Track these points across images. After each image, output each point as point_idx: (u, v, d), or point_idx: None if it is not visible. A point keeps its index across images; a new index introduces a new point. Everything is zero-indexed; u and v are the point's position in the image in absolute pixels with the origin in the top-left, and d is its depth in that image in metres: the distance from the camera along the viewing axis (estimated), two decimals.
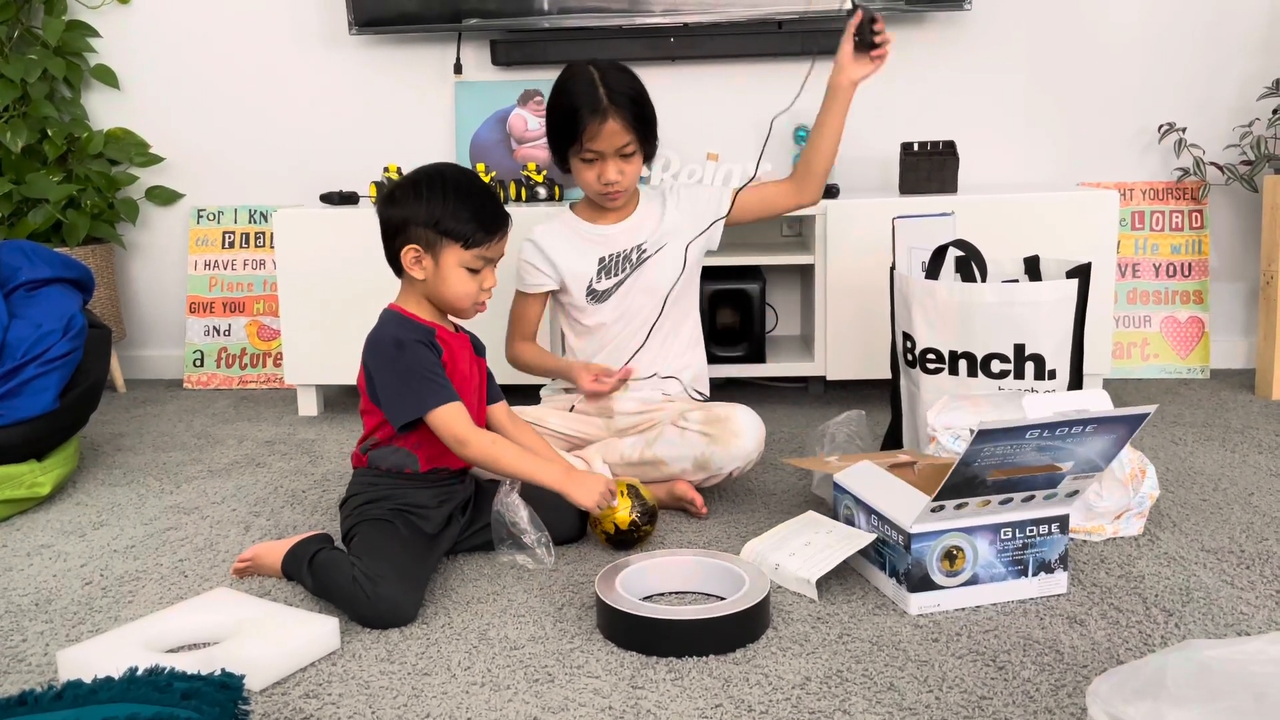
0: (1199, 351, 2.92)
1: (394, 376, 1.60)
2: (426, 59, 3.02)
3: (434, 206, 1.61)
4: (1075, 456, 1.43)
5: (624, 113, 1.86)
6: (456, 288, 1.64)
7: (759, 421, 1.91)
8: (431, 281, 1.64)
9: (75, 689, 1.09)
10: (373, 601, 1.46)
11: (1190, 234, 2.94)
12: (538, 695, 1.29)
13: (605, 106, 1.85)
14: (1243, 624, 1.43)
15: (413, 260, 1.63)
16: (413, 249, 1.62)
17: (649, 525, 1.72)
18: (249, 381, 3.11)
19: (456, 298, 1.65)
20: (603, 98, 1.85)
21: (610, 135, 1.87)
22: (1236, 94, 2.89)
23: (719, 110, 2.98)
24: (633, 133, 1.88)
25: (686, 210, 2.04)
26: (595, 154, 1.89)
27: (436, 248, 1.62)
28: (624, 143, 1.88)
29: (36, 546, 1.86)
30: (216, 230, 3.14)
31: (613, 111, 1.85)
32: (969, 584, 1.49)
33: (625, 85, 1.89)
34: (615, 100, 1.86)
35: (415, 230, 1.62)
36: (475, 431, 1.60)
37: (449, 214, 1.61)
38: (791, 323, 3.04)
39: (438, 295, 1.66)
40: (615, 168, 1.91)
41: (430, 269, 1.63)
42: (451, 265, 1.63)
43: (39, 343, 2.09)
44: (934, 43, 2.92)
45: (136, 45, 3.08)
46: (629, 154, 1.91)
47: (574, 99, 1.87)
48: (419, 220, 1.61)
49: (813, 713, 1.23)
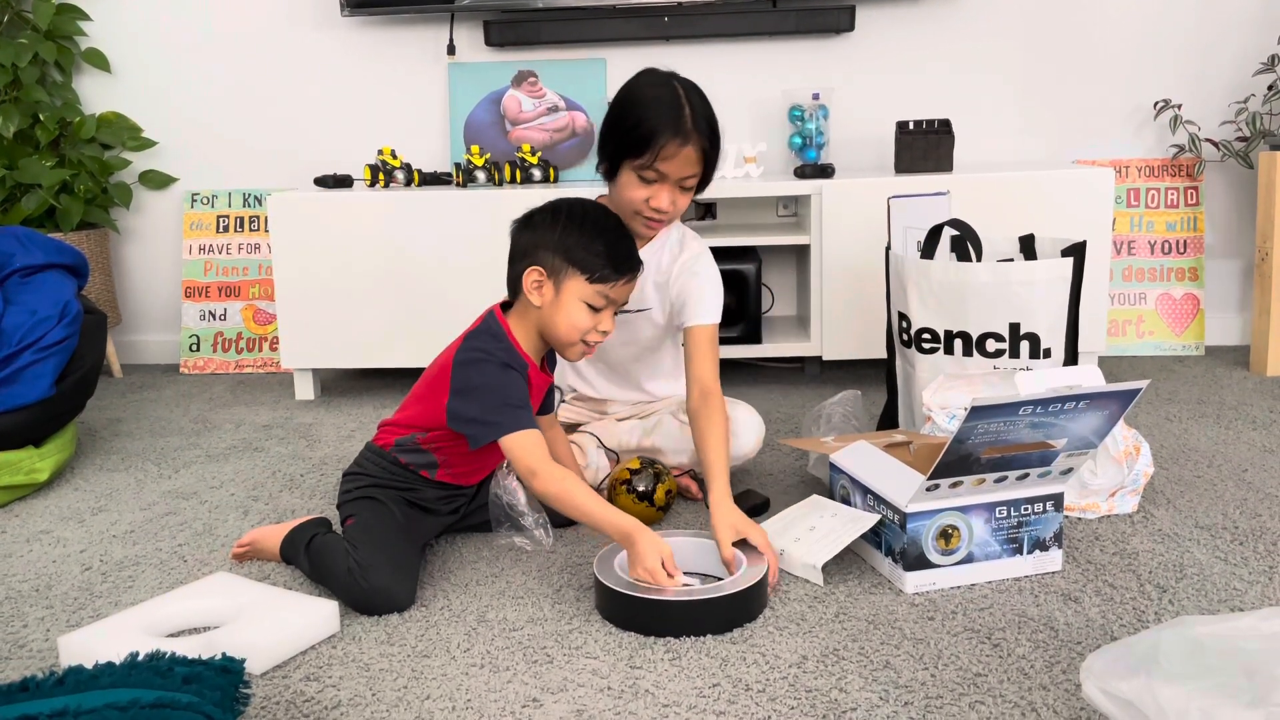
0: (1194, 328, 2.92)
1: (490, 394, 1.55)
2: (419, 40, 3.00)
3: (568, 234, 1.58)
4: (1068, 433, 1.43)
5: (703, 142, 1.72)
6: (572, 318, 1.58)
7: (759, 420, 1.92)
8: (548, 310, 1.59)
9: (76, 674, 1.10)
10: (366, 592, 1.47)
11: (1185, 211, 2.94)
12: (537, 676, 1.30)
13: (689, 130, 1.70)
14: (1236, 600, 1.44)
15: (533, 284, 1.58)
16: (536, 271, 1.58)
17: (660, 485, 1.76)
18: (245, 366, 3.11)
19: (568, 330, 1.59)
20: (687, 120, 1.70)
21: (684, 162, 1.71)
22: (1232, 70, 2.88)
23: (714, 90, 2.94)
24: (702, 165, 1.74)
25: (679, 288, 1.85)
26: (658, 175, 1.72)
27: (561, 275, 1.58)
28: (691, 173, 1.74)
29: (36, 532, 1.86)
30: (210, 214, 3.13)
31: (695, 138, 1.71)
32: (964, 562, 1.50)
33: (708, 112, 1.75)
34: (699, 126, 1.71)
35: (543, 254, 1.58)
36: (548, 465, 1.52)
37: (581, 244, 1.57)
38: (787, 303, 3.04)
39: (551, 325, 1.60)
40: (670, 196, 1.74)
41: (549, 296, 1.59)
42: (572, 296, 1.58)
43: (34, 329, 2.09)
44: (929, 21, 2.90)
45: (127, 28, 3.06)
46: (689, 186, 1.76)
47: (656, 112, 1.71)
48: (549, 245, 1.58)
49: (809, 691, 1.24)
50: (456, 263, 2.60)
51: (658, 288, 1.87)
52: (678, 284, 1.84)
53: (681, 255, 1.86)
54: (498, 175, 2.79)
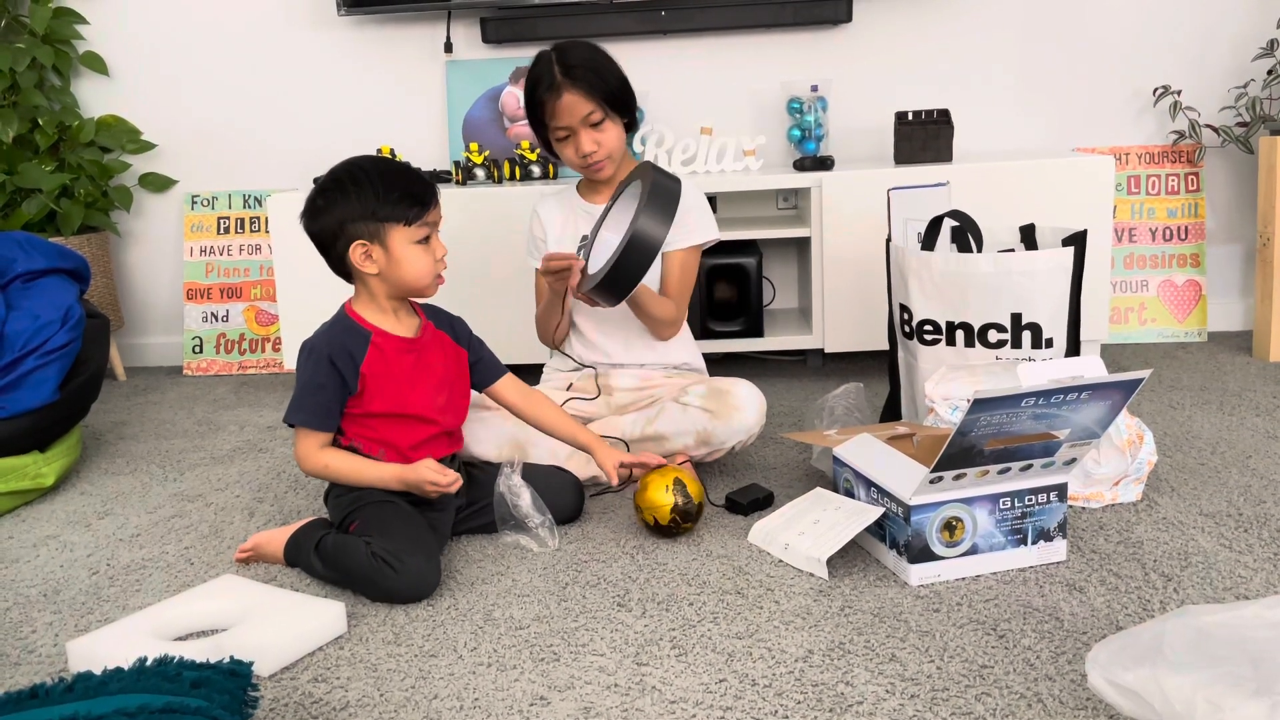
0: (1196, 315, 2.92)
1: (297, 379, 1.64)
2: (416, 38, 3.00)
3: (365, 197, 1.60)
4: (1071, 423, 1.43)
5: (579, 83, 1.85)
6: (415, 266, 1.63)
7: (760, 395, 1.92)
8: (387, 270, 1.62)
9: (85, 681, 1.10)
10: (399, 574, 1.48)
11: (1186, 197, 2.93)
12: (544, 674, 1.30)
13: (559, 81, 1.85)
14: (1241, 587, 1.44)
15: (363, 256, 1.61)
16: (360, 244, 1.61)
17: (689, 523, 1.68)
18: (248, 367, 3.12)
19: (418, 276, 1.63)
20: (557, 73, 1.85)
21: (570, 107, 1.86)
22: (1231, 55, 2.87)
23: (711, 83, 2.97)
24: (595, 100, 1.86)
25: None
26: (565, 129, 1.89)
27: (381, 235, 1.61)
28: (587, 111, 1.86)
29: (42, 537, 1.87)
30: (211, 216, 3.13)
31: (567, 84, 1.85)
32: (969, 554, 1.50)
33: (579, 57, 1.87)
34: (569, 73, 1.85)
35: (355, 226, 1.60)
36: (310, 457, 1.64)
37: (381, 197, 1.60)
38: (789, 296, 3.04)
39: (398, 281, 1.63)
40: (589, 138, 1.89)
41: (382, 259, 1.62)
42: (402, 246, 1.61)
43: (38, 334, 2.10)
44: (926, 11, 2.90)
45: (124, 31, 3.06)
46: (597, 122, 1.88)
47: (533, 81, 1.89)
48: (355, 216, 1.60)
49: (816, 685, 1.24)
50: (457, 260, 2.59)
51: None
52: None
53: None
54: (497, 172, 2.79)
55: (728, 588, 1.51)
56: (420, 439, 1.68)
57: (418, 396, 1.66)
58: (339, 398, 1.63)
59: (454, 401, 1.73)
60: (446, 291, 2.60)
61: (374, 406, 1.64)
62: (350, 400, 1.63)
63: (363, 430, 1.66)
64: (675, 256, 1.98)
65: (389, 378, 1.64)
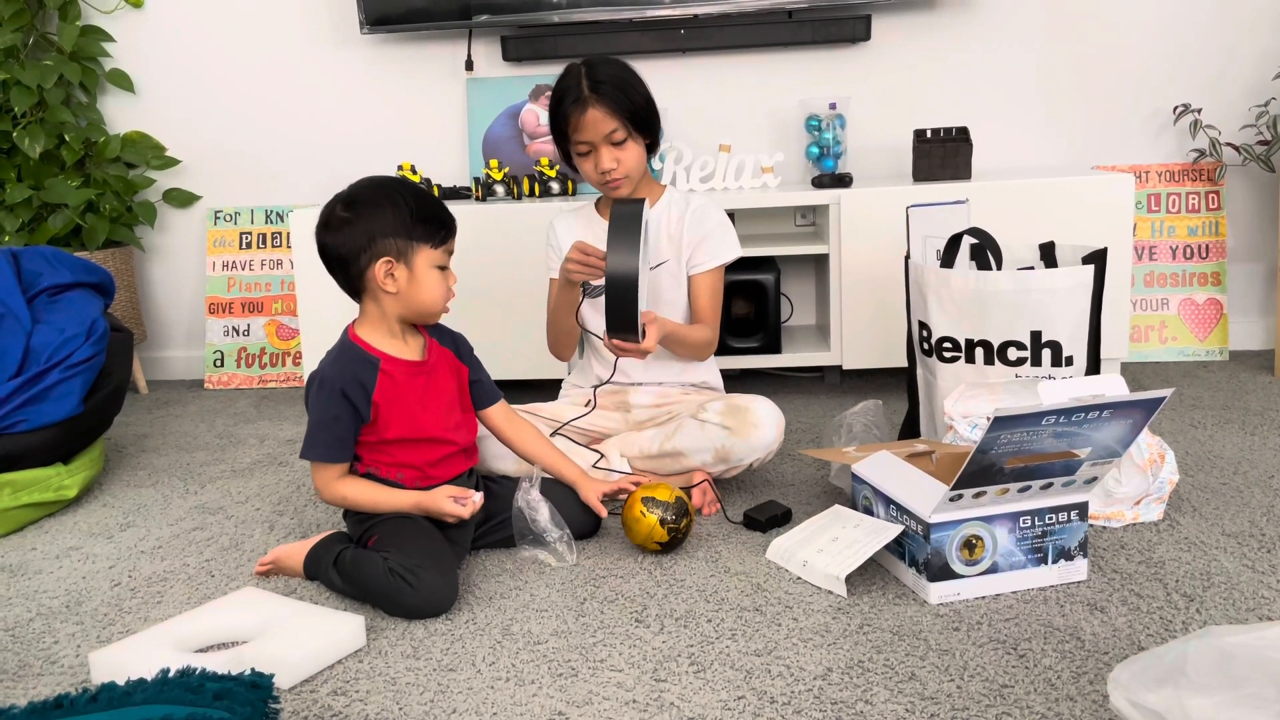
0: (1217, 333, 2.90)
1: (309, 413, 1.63)
2: (438, 56, 3.03)
3: (400, 213, 1.58)
4: (1092, 442, 1.43)
5: (605, 100, 1.84)
6: (433, 290, 1.63)
7: (778, 412, 1.92)
8: (405, 291, 1.61)
9: (110, 691, 1.11)
10: (415, 590, 1.48)
11: (1207, 215, 2.92)
12: (562, 690, 1.30)
13: (586, 96, 1.84)
14: (1264, 608, 1.43)
15: (385, 274, 1.59)
16: (386, 261, 1.59)
17: (685, 520, 1.68)
18: (269, 380, 3.14)
19: (433, 300, 1.63)
20: (584, 88, 1.84)
21: (594, 123, 1.85)
22: (1252, 73, 2.86)
23: (730, 101, 2.98)
24: (619, 118, 1.85)
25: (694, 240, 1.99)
26: (586, 144, 1.88)
27: (409, 254, 1.60)
28: (610, 129, 1.85)
29: (65, 549, 1.89)
30: (234, 231, 3.16)
31: (593, 100, 1.84)
32: (989, 572, 1.49)
33: (608, 74, 1.87)
34: (597, 89, 1.84)
35: (386, 242, 1.58)
36: (328, 488, 1.64)
37: (415, 218, 1.59)
38: (807, 312, 3.04)
39: (414, 302, 1.63)
40: (609, 155, 1.87)
41: (404, 278, 1.60)
42: (425, 268, 1.61)
43: (62, 348, 2.12)
44: (945, 29, 2.90)
45: (150, 49, 3.10)
46: (619, 140, 1.87)
47: (559, 93, 1.88)
48: (388, 232, 1.58)
49: (835, 703, 1.24)
50: (475, 276, 2.62)
51: (671, 240, 1.99)
52: (689, 234, 1.99)
53: (689, 207, 2.01)
54: (516, 189, 2.80)
55: (746, 604, 1.51)
56: (436, 458, 1.68)
57: (430, 418, 1.66)
58: (353, 428, 1.62)
59: (466, 419, 1.74)
60: (466, 307, 2.63)
61: (389, 433, 1.63)
62: (364, 428, 1.63)
63: (379, 456, 1.66)
64: (703, 280, 1.98)
65: (401, 403, 1.64)
